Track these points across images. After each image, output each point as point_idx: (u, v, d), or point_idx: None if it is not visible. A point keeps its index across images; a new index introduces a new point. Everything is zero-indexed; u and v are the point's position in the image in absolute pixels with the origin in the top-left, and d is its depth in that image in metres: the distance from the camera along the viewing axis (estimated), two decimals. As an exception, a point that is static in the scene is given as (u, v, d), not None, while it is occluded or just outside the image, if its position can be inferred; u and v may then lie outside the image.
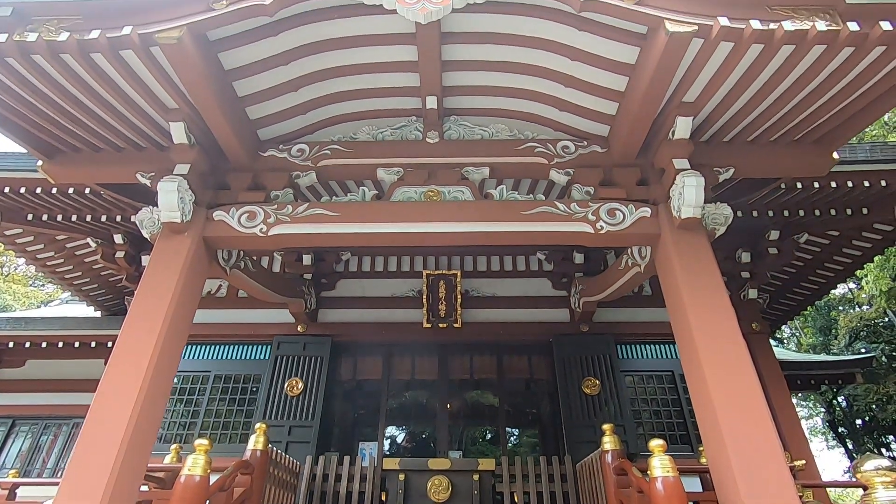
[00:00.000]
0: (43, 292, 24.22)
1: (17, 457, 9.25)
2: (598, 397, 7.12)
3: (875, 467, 2.13)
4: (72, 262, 8.69)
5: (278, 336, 7.70)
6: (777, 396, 7.12)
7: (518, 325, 7.87)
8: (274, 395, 7.19)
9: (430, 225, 4.58)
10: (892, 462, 2.20)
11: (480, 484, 5.63)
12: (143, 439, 3.72)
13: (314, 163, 5.02)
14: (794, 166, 4.97)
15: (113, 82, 4.12)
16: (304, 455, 6.33)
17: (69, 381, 9.48)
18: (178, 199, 4.33)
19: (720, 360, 3.82)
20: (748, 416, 3.59)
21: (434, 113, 5.04)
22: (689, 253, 4.26)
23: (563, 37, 4.34)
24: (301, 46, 4.48)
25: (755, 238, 7.84)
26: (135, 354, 3.86)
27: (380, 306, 8.10)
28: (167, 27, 3.68)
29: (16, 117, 4.57)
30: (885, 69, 3.87)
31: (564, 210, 4.58)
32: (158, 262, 4.32)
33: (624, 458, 4.34)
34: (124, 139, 4.88)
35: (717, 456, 3.65)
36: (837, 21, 3.54)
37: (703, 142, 4.84)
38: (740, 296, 8.01)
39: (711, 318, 3.99)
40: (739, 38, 3.60)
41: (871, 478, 2.12)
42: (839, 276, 8.74)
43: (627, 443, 6.54)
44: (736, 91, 4.18)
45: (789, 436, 6.84)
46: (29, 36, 3.61)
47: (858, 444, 13.92)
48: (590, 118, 4.95)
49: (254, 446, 4.60)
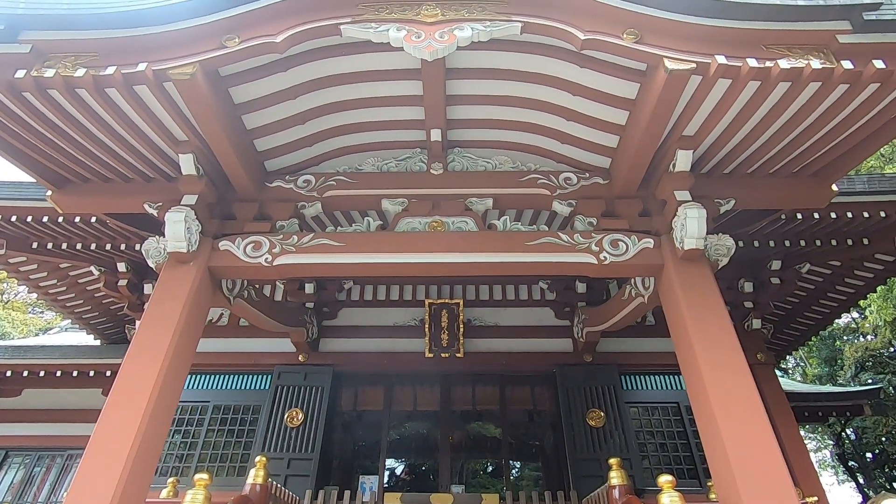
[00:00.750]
0: (42, 319, 24.08)
1: (9, 489, 9.05)
2: (603, 429, 7.01)
3: None
4: (74, 289, 8.69)
5: (279, 366, 7.63)
6: (785, 428, 7.01)
7: (521, 355, 7.81)
8: (273, 427, 7.08)
9: (434, 255, 4.61)
10: None
11: (484, 520, 5.50)
12: (142, 472, 3.66)
13: (319, 193, 5.09)
14: (794, 198, 5.03)
15: (125, 115, 4.22)
16: (303, 489, 6.21)
17: (65, 412, 9.36)
18: (184, 229, 4.37)
19: (727, 392, 3.78)
20: (758, 449, 3.54)
21: (438, 145, 5.14)
22: (692, 284, 4.27)
23: (564, 73, 4.47)
24: (309, 81, 4.61)
25: (757, 268, 7.86)
26: (137, 384, 3.83)
27: (382, 335, 8.06)
28: (181, 63, 3.79)
29: (27, 148, 4.65)
30: (879, 105, 3.96)
31: (568, 241, 4.61)
32: (163, 292, 4.33)
33: (632, 494, 4.24)
34: (133, 170, 4.96)
35: (727, 491, 3.58)
36: (832, 59, 3.64)
37: (704, 174, 4.92)
38: (744, 326, 7.97)
39: (717, 350, 3.97)
40: (737, 75, 3.71)
41: None
42: (842, 306, 8.72)
43: (634, 477, 6.40)
44: (735, 125, 4.27)
45: (798, 469, 6.69)
46: (46, 72, 3.72)
47: (869, 479, 13.57)
48: (591, 150, 5.04)
49: (253, 480, 4.51)
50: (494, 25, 3.94)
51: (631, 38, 3.79)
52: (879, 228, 6.79)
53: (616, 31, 3.82)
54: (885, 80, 3.70)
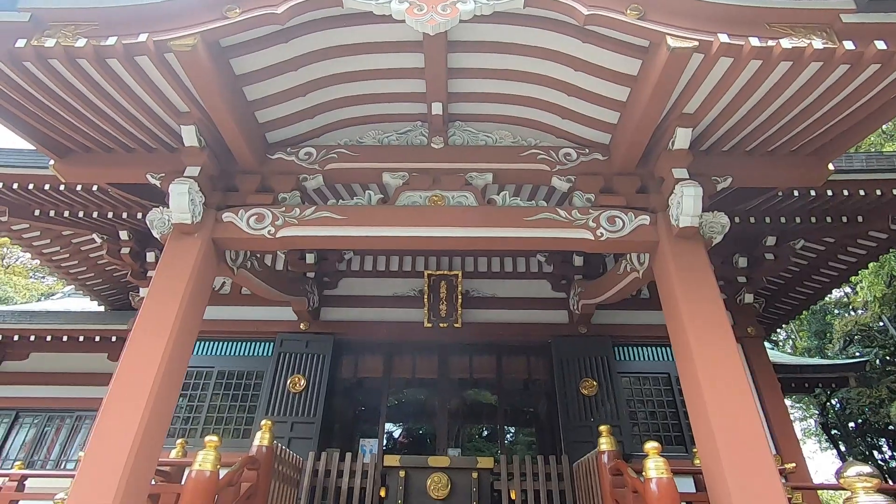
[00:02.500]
0: (44, 284, 24.30)
1: (21, 448, 9.37)
2: (595, 398, 7.25)
3: (857, 473, 2.26)
4: (77, 257, 8.80)
5: (281, 334, 7.81)
6: (770, 399, 7.26)
7: (517, 326, 7.99)
8: (277, 392, 7.31)
9: (434, 229, 4.69)
10: (873, 469, 2.33)
11: (479, 482, 5.75)
12: (155, 433, 3.84)
13: (321, 166, 5.13)
14: (791, 176, 5.09)
15: (126, 86, 4.22)
16: (306, 451, 6.46)
17: (72, 375, 9.59)
18: (188, 200, 4.43)
19: (714, 366, 3.93)
20: (740, 420, 3.71)
21: (439, 119, 5.14)
22: (686, 261, 4.37)
23: (566, 47, 4.44)
24: (310, 52, 4.57)
25: (752, 243, 7.97)
26: (147, 351, 3.98)
27: (381, 305, 8.22)
28: (182, 34, 3.77)
29: (29, 118, 4.65)
30: (879, 85, 3.98)
31: (566, 217, 4.69)
32: (169, 263, 4.42)
33: (620, 459, 4.46)
34: (135, 140, 4.98)
35: (709, 457, 3.78)
36: (834, 39, 3.64)
37: (703, 151, 4.95)
38: (736, 300, 8.13)
39: (707, 325, 4.11)
40: (739, 53, 3.70)
41: (853, 483, 2.24)
42: (834, 282, 8.87)
43: (623, 443, 6.67)
44: (735, 103, 4.29)
45: (781, 438, 6.96)
46: (47, 42, 3.70)
47: (851, 447, 14.11)
48: (592, 126, 5.06)
49: (260, 442, 4.72)
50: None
51: (634, 15, 3.77)
52: (875, 206, 6.87)
53: (620, 7, 3.79)
54: (887, 62, 3.71)
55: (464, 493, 5.75)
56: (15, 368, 9.79)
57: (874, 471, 2.30)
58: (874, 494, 2.14)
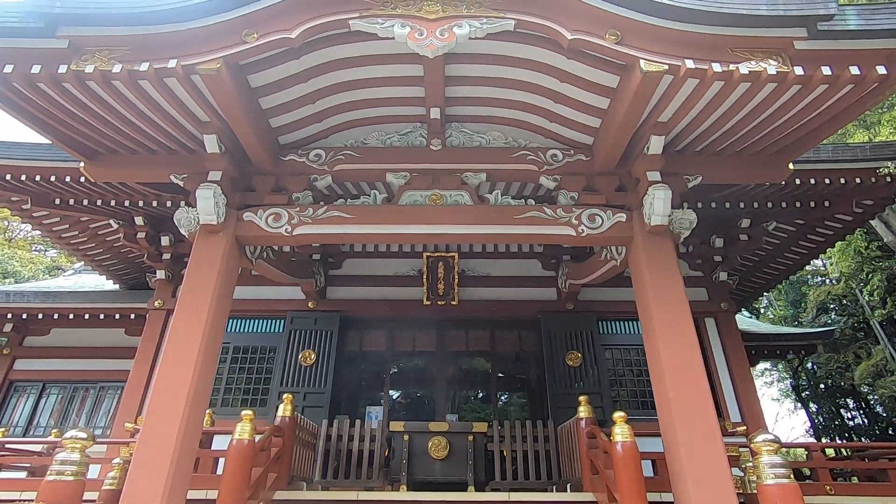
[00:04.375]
0: (47, 257, 24.72)
1: (50, 416, 10.11)
2: (580, 368, 7.98)
3: (763, 439, 2.89)
4: (94, 240, 9.28)
5: (291, 312, 8.43)
6: (738, 369, 8.03)
7: (510, 303, 8.64)
8: (289, 365, 7.99)
9: (433, 227, 5.25)
10: (775, 437, 2.97)
11: (474, 444, 6.49)
12: (200, 402, 4.52)
13: (330, 167, 5.61)
14: (756, 174, 5.63)
15: (154, 101, 4.65)
16: (318, 418, 7.17)
17: (93, 349, 10.27)
18: (213, 204, 4.94)
19: (673, 343, 4.59)
20: (691, 387, 4.39)
21: (437, 122, 5.60)
22: (655, 254, 4.97)
23: (553, 61, 4.89)
24: (320, 65, 4.99)
25: (728, 225, 8.56)
26: (189, 335, 4.59)
27: (383, 284, 8.82)
28: (207, 59, 4.20)
29: (61, 126, 5.09)
30: (828, 101, 4.48)
31: (551, 214, 5.25)
32: (200, 258, 4.98)
33: (594, 425, 5.18)
34: (158, 144, 5.43)
35: (665, 419, 4.48)
36: (788, 64, 4.12)
37: (677, 151, 5.47)
38: (712, 277, 8.77)
39: (669, 310, 4.74)
40: (704, 76, 4.19)
41: (759, 447, 2.86)
42: (804, 259, 9.53)
43: (604, 408, 7.44)
44: (703, 114, 4.78)
45: (745, 403, 7.78)
46: (86, 67, 4.12)
47: (820, 406, 15.19)
48: (576, 129, 5.54)
49: (283, 413, 5.40)
50: (490, 22, 4.34)
51: (612, 39, 4.22)
52: (840, 192, 7.43)
53: (600, 32, 4.24)
54: (833, 83, 4.21)
55: (461, 453, 6.49)
56: (38, 343, 10.45)
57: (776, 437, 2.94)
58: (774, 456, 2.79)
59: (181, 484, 4.12)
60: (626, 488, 4.06)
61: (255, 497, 4.48)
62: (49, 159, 7.06)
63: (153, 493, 3.87)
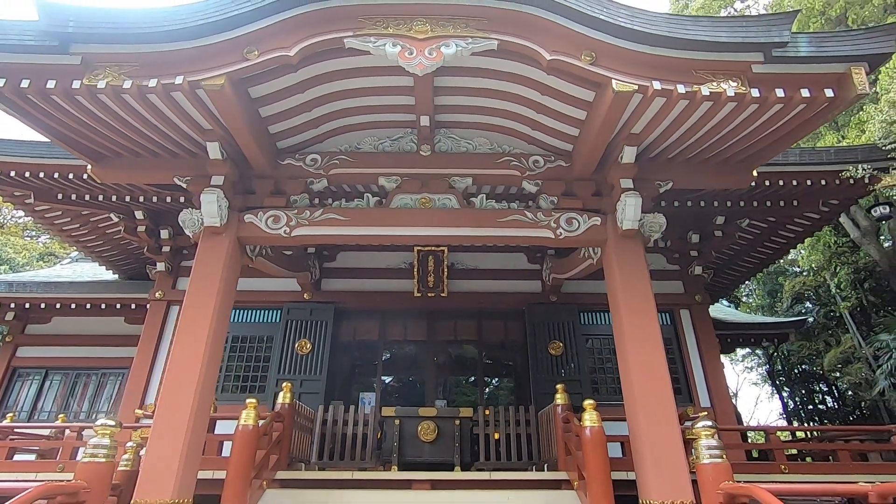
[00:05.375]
0: (39, 244, 24.80)
1: (54, 402, 10.50)
2: (562, 357, 8.48)
3: (702, 426, 3.35)
4: (95, 233, 9.58)
5: (288, 303, 8.83)
6: (709, 359, 8.56)
7: (496, 295, 9.10)
8: (286, 354, 8.42)
9: (423, 229, 5.64)
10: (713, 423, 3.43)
11: (461, 428, 6.97)
12: (208, 388, 4.94)
13: (325, 171, 5.96)
14: (722, 181, 6.06)
15: (160, 111, 4.96)
16: (314, 404, 7.62)
17: (94, 337, 10.63)
18: (216, 207, 5.29)
19: (640, 342, 5.04)
20: (655, 383, 4.86)
21: (427, 129, 5.95)
22: (627, 257, 5.40)
23: (534, 75, 5.24)
24: (316, 76, 5.32)
25: (704, 222, 9.03)
26: (197, 328, 4.99)
27: (376, 277, 9.22)
28: (211, 75, 4.51)
29: (70, 132, 5.39)
30: (784, 119, 4.90)
31: (532, 218, 5.65)
32: (204, 258, 5.35)
33: (570, 411, 5.66)
34: (162, 148, 5.73)
35: (630, 403, 4.96)
36: (745, 86, 4.51)
37: (649, 158, 5.86)
38: (688, 271, 9.26)
39: (638, 311, 5.18)
40: (670, 95, 4.57)
41: (699, 431, 3.32)
42: (776, 254, 10.05)
43: (583, 394, 7.94)
44: (671, 128, 5.18)
45: (715, 390, 8.33)
46: (99, 83, 4.42)
47: (793, 391, 15.95)
48: (557, 137, 5.91)
49: (282, 400, 5.83)
50: (475, 42, 4.68)
51: (587, 60, 4.59)
52: (807, 193, 7.90)
53: (576, 53, 4.60)
54: (787, 103, 4.61)
55: (448, 436, 6.98)
56: (39, 331, 10.78)
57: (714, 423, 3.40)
58: (711, 439, 3.25)
59: (193, 464, 4.55)
60: (593, 468, 4.56)
61: (259, 477, 4.92)
62: (52, 157, 7.33)
63: (168, 473, 4.29)
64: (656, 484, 4.34)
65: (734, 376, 27.30)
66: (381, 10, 4.69)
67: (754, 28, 4.41)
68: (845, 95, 4.47)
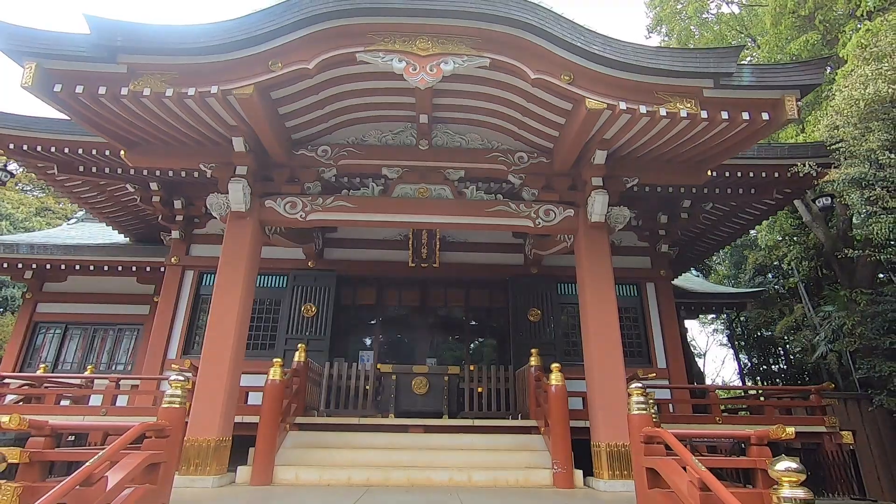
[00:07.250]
0: (34, 198, 25.09)
1: (75, 354, 11.45)
2: (539, 323, 9.58)
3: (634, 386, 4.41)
4: (111, 200, 10.25)
5: (294, 270, 9.72)
6: (668, 328, 9.72)
7: (483, 266, 10.08)
8: (293, 316, 9.39)
9: (421, 217, 6.52)
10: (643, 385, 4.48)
11: (449, 383, 8.10)
12: (240, 345, 5.94)
13: (335, 161, 6.74)
14: (682, 179, 6.98)
15: (193, 112, 5.67)
16: (320, 361, 8.66)
17: (110, 295, 11.50)
18: (242, 195, 6.10)
19: (599, 316, 6.09)
20: (609, 348, 5.94)
21: (425, 126, 6.71)
22: (593, 245, 6.38)
23: (520, 84, 5.99)
24: (329, 80, 6.03)
25: (672, 205, 9.97)
26: (230, 297, 5.96)
27: (374, 247, 10.11)
28: (242, 84, 5.22)
29: (110, 125, 6.07)
30: (728, 134, 5.76)
31: (515, 209, 6.55)
32: (232, 238, 6.21)
33: (541, 371, 6.77)
34: (189, 139, 6.45)
35: (588, 364, 6.06)
36: (697, 107, 5.35)
37: (619, 157, 6.73)
38: (656, 248, 10.28)
39: (599, 291, 6.20)
40: (634, 113, 5.40)
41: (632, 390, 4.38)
42: (736, 233, 11.10)
43: (555, 356, 9.07)
44: (637, 136, 6.03)
45: (671, 354, 9.53)
46: (144, 90, 5.11)
47: (751, 354, 17.55)
48: (540, 136, 6.73)
49: (298, 359, 6.84)
50: (470, 59, 5.42)
51: (566, 80, 5.37)
52: (763, 183, 8.83)
53: (557, 73, 5.38)
54: (731, 122, 5.47)
55: (438, 390, 8.11)
56: (56, 289, 11.59)
57: (643, 386, 4.45)
58: (640, 396, 4.31)
59: (231, 409, 5.58)
60: (555, 417, 5.69)
61: (284, 421, 5.99)
62: (74, 134, 7.92)
63: (214, 415, 5.33)
64: (604, 429, 5.51)
65: (704, 338, 29.18)
66: (389, 28, 5.38)
67: (706, 59, 5.21)
68: (779, 118, 5.35)
